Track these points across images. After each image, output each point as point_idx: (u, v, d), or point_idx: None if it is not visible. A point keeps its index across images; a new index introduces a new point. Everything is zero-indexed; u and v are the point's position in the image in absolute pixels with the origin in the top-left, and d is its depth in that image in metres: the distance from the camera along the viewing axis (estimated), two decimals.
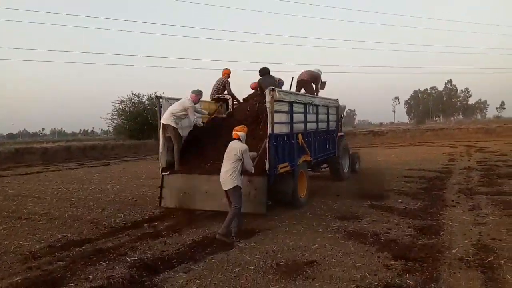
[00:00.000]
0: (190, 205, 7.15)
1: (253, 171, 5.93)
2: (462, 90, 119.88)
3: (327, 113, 9.88)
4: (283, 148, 7.03)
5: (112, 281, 4.10)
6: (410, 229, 5.71)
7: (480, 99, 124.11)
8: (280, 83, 8.83)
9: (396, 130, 36.58)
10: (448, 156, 17.69)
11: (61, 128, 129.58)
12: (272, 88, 6.56)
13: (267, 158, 6.46)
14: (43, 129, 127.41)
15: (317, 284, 3.86)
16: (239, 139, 5.79)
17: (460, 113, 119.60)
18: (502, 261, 4.31)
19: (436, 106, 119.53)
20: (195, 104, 7.46)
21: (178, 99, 7.62)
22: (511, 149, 19.79)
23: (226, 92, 8.95)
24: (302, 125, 8.04)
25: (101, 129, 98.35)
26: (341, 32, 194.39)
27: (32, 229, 6.49)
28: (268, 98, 6.47)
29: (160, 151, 7.62)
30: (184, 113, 7.36)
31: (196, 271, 4.32)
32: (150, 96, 35.68)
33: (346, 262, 4.45)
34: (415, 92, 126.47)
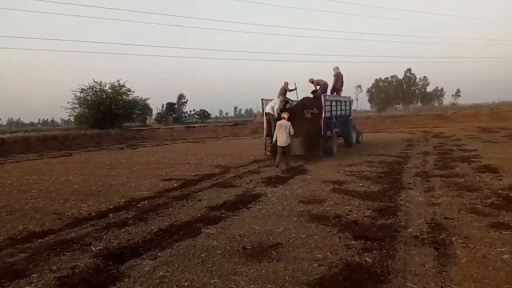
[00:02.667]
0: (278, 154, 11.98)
1: (292, 133, 10.87)
2: (420, 78, 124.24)
3: (345, 105, 16.27)
4: (328, 124, 13.13)
5: (77, 271, 4.07)
6: (369, 211, 5.99)
7: (437, 87, 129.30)
8: (325, 84, 14.76)
9: (358, 118, 37.58)
10: (406, 141, 18.43)
11: (19, 118, 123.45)
12: (325, 95, 13.16)
13: (323, 128, 12.72)
14: None
15: (281, 265, 4.01)
16: (285, 119, 11.07)
17: (419, 101, 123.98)
18: (454, 238, 4.62)
19: (396, 94, 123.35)
20: (280, 102, 13.24)
21: (271, 100, 13.54)
22: (464, 134, 20.88)
23: (286, 94, 14.10)
24: (335, 112, 14.18)
25: (62, 119, 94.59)
26: (304, 21, 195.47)
27: None
28: (323, 99, 12.94)
29: (264, 126, 13.68)
30: (276, 106, 12.97)
31: (163, 258, 4.36)
32: (113, 84, 34.75)
33: (309, 244, 4.63)
34: (376, 80, 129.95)
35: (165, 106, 72.26)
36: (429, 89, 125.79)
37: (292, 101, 14.38)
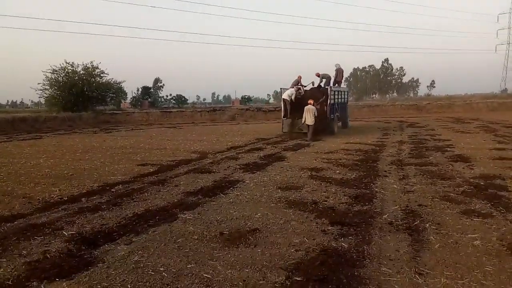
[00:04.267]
0: (293, 130, 16.59)
1: (316, 115, 14.93)
2: (397, 68, 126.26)
3: (344, 95, 20.35)
4: (332, 109, 16.94)
5: (48, 256, 3.94)
6: (346, 197, 6.05)
7: (413, 78, 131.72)
8: (329, 77, 18.36)
9: None
10: (382, 130, 18.74)
11: None
12: (331, 86, 17.27)
13: (328, 112, 16.59)
14: None
15: (259, 250, 3.99)
16: (311, 104, 15.05)
17: (395, 91, 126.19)
18: (427, 225, 4.73)
19: (373, 83, 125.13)
20: (295, 91, 17.06)
21: (287, 89, 17.40)
22: (438, 124, 21.42)
23: (299, 85, 17.72)
24: (337, 100, 18.05)
25: (31, 101, 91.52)
26: (281, 7, 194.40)
27: None
28: (329, 90, 16.91)
29: (282, 109, 17.27)
30: (292, 94, 16.87)
31: (138, 243, 4.28)
32: (86, 66, 33.71)
33: (286, 229, 4.64)
34: (354, 69, 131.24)
35: (140, 90, 70.75)
36: (405, 79, 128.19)
37: (304, 91, 17.84)
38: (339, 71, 18.94)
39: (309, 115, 14.89)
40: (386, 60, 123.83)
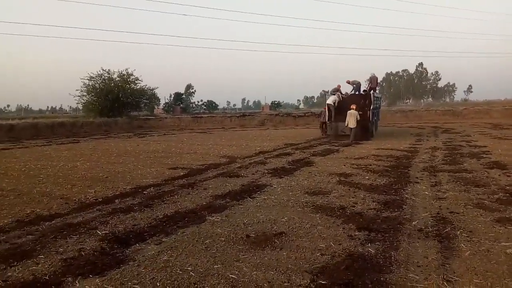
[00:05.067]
0: (337, 133, 17.81)
1: (359, 119, 16.61)
2: (432, 73, 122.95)
3: (379, 101, 22.85)
4: (373, 113, 18.27)
5: (83, 253, 4.13)
6: (375, 203, 5.97)
7: (449, 82, 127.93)
8: (359, 83, 19.71)
9: None
10: (415, 136, 18.30)
11: (28, 105, 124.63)
12: (373, 93, 18.53)
13: (370, 116, 17.74)
14: (8, 106, 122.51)
15: (284, 253, 4.02)
16: (354, 109, 16.60)
17: (430, 96, 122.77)
18: (458, 232, 4.60)
19: (407, 88, 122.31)
20: (338, 98, 18.30)
21: (326, 92, 19.72)
22: (475, 130, 20.68)
23: (338, 92, 18.97)
24: (376, 105, 19.60)
25: (70, 107, 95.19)
26: (315, 12, 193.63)
27: None
28: (372, 96, 18.14)
29: (326, 114, 18.57)
30: (335, 101, 18.05)
31: (167, 243, 4.41)
32: (121, 73, 34.87)
33: (313, 233, 4.64)
34: (387, 74, 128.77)
35: (172, 96, 72.25)
36: (441, 84, 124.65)
37: (342, 97, 19.05)
38: (373, 79, 19.96)
39: (352, 119, 16.57)
40: (421, 64, 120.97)
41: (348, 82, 19.63)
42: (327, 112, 18.53)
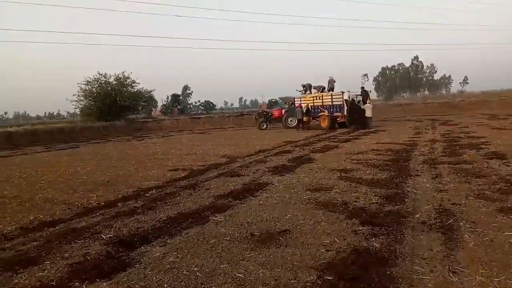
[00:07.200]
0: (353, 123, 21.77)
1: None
2: (427, 66, 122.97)
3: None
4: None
5: (88, 258, 4.14)
6: (377, 198, 5.99)
7: (444, 75, 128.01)
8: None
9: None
10: (414, 129, 18.33)
11: (25, 111, 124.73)
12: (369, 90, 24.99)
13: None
14: (5, 113, 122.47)
15: (289, 251, 4.04)
16: (368, 103, 22.39)
17: (426, 89, 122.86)
18: (461, 223, 4.62)
19: (403, 82, 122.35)
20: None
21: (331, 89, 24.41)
22: (472, 121, 20.73)
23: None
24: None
25: (67, 112, 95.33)
26: (306, 9, 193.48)
27: (2, 212, 6.35)
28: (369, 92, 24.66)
29: (345, 108, 22.07)
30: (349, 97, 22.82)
31: (172, 245, 4.42)
32: (118, 76, 34.82)
33: (317, 230, 4.66)
34: (383, 68, 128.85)
35: (170, 97, 72.30)
36: (437, 76, 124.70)
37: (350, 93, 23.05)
38: (330, 81, 24.75)
39: (369, 111, 21.47)
40: (416, 57, 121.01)
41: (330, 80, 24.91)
42: (345, 106, 22.30)
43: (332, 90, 24.27)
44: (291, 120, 25.53)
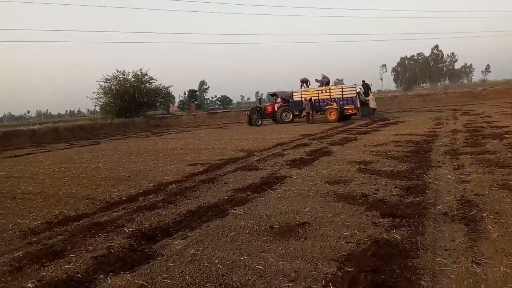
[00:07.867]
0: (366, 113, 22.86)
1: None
2: (448, 55, 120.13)
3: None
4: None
5: (112, 251, 4.24)
6: (397, 189, 5.92)
7: (465, 63, 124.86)
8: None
9: (384, 98, 36.81)
10: (434, 120, 17.98)
11: (47, 109, 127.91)
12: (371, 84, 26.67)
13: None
14: (28, 112, 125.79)
15: (309, 243, 4.05)
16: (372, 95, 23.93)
17: (447, 78, 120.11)
18: (485, 214, 4.52)
19: (422, 72, 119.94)
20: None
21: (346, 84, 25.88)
22: (495, 111, 20.18)
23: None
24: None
25: (88, 109, 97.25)
26: (328, 2, 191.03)
27: (28, 208, 6.56)
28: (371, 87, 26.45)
29: (358, 100, 22.83)
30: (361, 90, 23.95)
31: (193, 237, 4.48)
32: (136, 73, 35.24)
33: (336, 222, 4.64)
34: (402, 59, 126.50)
35: (187, 93, 72.81)
36: (457, 66, 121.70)
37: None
38: (324, 78, 25.98)
39: (373, 102, 22.54)
40: (436, 46, 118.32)
41: (317, 81, 26.01)
42: (358, 98, 23.03)
43: (328, 85, 25.50)
44: (285, 115, 25.88)
